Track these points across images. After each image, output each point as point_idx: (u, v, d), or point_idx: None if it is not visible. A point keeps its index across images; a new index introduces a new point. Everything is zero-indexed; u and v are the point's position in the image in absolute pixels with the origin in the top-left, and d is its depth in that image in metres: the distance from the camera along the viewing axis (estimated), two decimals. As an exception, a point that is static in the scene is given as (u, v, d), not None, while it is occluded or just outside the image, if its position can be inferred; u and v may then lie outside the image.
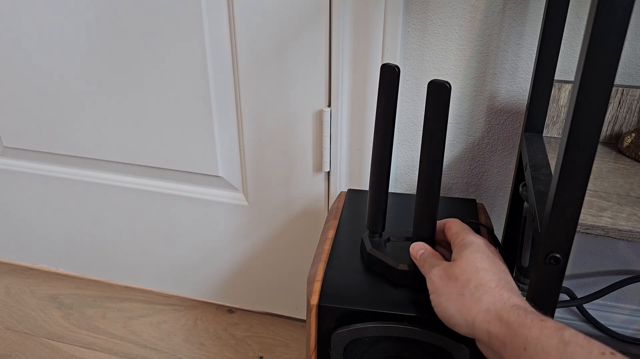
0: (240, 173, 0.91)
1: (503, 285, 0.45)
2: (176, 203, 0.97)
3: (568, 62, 0.70)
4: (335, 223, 0.67)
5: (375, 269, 0.57)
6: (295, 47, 0.76)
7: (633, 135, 0.64)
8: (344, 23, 0.72)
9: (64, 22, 0.85)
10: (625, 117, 0.67)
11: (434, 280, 0.49)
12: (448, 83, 0.47)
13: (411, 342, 0.53)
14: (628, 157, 0.64)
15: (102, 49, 0.85)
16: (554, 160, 0.61)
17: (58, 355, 0.97)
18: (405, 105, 0.79)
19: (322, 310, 0.54)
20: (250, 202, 0.93)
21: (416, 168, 0.82)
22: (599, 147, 0.66)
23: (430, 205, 0.53)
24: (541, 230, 0.46)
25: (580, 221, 0.48)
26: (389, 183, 0.57)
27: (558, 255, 0.45)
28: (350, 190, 0.76)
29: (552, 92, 0.67)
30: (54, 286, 1.13)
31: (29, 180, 1.06)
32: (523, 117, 0.74)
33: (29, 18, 0.87)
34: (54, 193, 1.05)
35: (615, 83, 0.47)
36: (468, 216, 0.67)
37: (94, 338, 1.00)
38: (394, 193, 0.73)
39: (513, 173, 0.77)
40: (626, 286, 0.80)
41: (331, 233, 0.65)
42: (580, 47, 0.39)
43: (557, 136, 0.70)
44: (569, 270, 0.85)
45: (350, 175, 0.84)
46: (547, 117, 0.68)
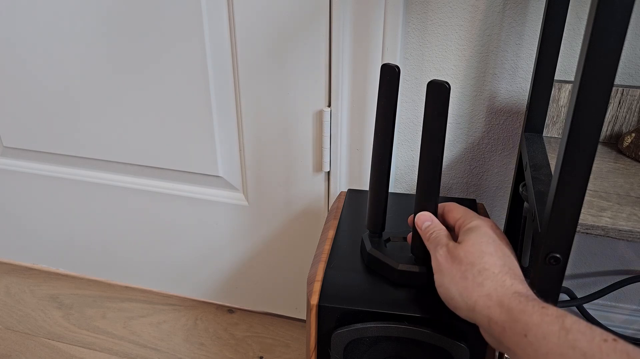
0: (240, 173, 0.91)
1: (506, 271, 0.45)
2: (176, 203, 0.97)
3: (568, 62, 0.70)
4: (335, 223, 0.67)
5: (375, 269, 0.57)
6: (295, 47, 0.76)
7: (633, 135, 0.64)
8: (344, 23, 0.72)
9: (64, 22, 0.85)
10: (625, 117, 0.67)
11: (439, 259, 0.48)
12: (447, 83, 0.47)
13: (411, 342, 0.53)
14: (628, 157, 0.64)
15: (102, 49, 0.86)
16: (554, 160, 0.61)
17: (58, 355, 0.97)
18: (405, 105, 0.79)
19: (322, 310, 0.54)
20: (250, 202, 0.93)
21: (416, 168, 0.82)
22: (599, 147, 0.66)
23: (430, 205, 0.53)
24: (541, 230, 0.46)
25: (580, 221, 0.48)
26: (389, 183, 0.57)
27: (558, 255, 0.45)
28: (350, 190, 0.76)
29: (552, 92, 0.67)
30: (54, 286, 1.13)
31: (29, 180, 1.06)
32: (523, 117, 0.74)
33: (28, 18, 0.87)
34: (54, 193, 1.05)
35: (615, 83, 0.47)
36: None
37: (94, 338, 1.00)
38: (394, 193, 0.73)
39: (513, 173, 0.77)
40: (626, 286, 0.81)
41: (331, 233, 0.65)
42: (580, 47, 0.39)
43: (557, 136, 0.70)
44: (569, 270, 0.85)
45: (350, 175, 0.84)
46: (547, 117, 0.68)
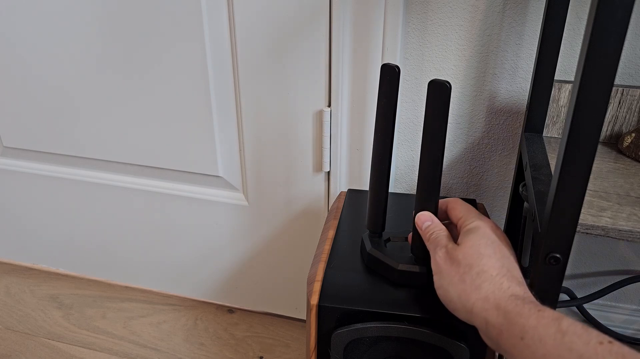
0: (240, 173, 0.91)
1: (504, 273, 0.45)
2: (176, 203, 0.97)
3: (568, 62, 0.70)
4: (335, 223, 0.67)
5: (375, 269, 0.57)
6: (295, 47, 0.76)
7: (633, 135, 0.64)
8: (344, 23, 0.72)
9: (64, 22, 0.85)
10: (625, 117, 0.67)
11: (439, 261, 0.48)
12: (448, 83, 0.47)
13: (411, 342, 0.53)
14: (628, 157, 0.64)
15: (102, 49, 0.85)
16: (554, 160, 0.61)
17: (58, 355, 0.97)
18: (405, 105, 0.79)
19: (322, 310, 0.54)
20: (250, 202, 0.93)
21: (416, 168, 0.82)
22: (599, 147, 0.66)
23: (430, 205, 0.53)
24: (541, 230, 0.46)
25: (580, 221, 0.48)
26: (389, 183, 0.57)
27: (558, 255, 0.45)
28: (350, 190, 0.76)
29: (552, 92, 0.67)
30: (54, 286, 1.13)
31: (29, 180, 1.06)
32: (523, 117, 0.74)
33: (28, 18, 0.87)
34: (54, 193, 1.05)
35: (615, 83, 0.47)
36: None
37: (94, 338, 1.00)
38: (394, 193, 0.73)
39: (513, 173, 0.77)
40: (626, 286, 0.81)
41: (331, 233, 0.65)
42: (580, 47, 0.39)
43: (557, 136, 0.70)
44: (569, 270, 0.85)
45: (350, 175, 0.84)
46: (547, 117, 0.68)
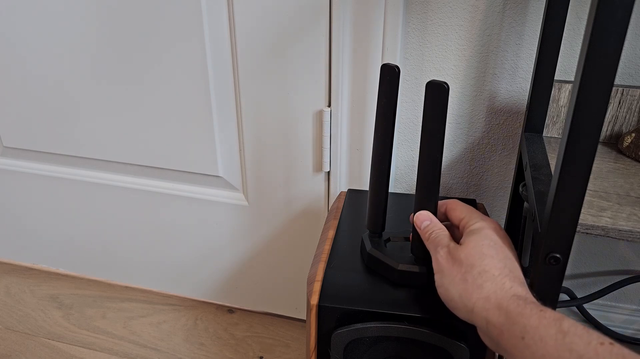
0: (240, 173, 0.91)
1: (507, 274, 0.45)
2: (176, 203, 0.97)
3: (568, 62, 0.70)
4: (335, 223, 0.67)
5: (375, 269, 0.57)
6: (295, 47, 0.76)
7: (633, 135, 0.64)
8: (344, 23, 0.72)
9: (64, 22, 0.85)
10: (625, 117, 0.67)
11: (440, 260, 0.49)
12: (446, 84, 0.47)
13: (411, 342, 0.53)
14: (628, 157, 0.64)
15: (102, 49, 0.85)
16: (554, 160, 0.61)
17: (58, 355, 0.97)
18: (405, 105, 0.79)
19: (322, 310, 0.54)
20: (250, 202, 0.93)
21: (416, 168, 0.82)
22: (599, 147, 0.66)
23: (429, 205, 0.53)
24: (541, 230, 0.46)
25: (580, 221, 0.48)
26: (389, 183, 0.57)
27: (558, 255, 0.45)
28: (350, 190, 0.76)
29: (552, 92, 0.67)
30: (54, 286, 1.13)
31: (29, 180, 1.06)
32: (523, 117, 0.74)
33: (28, 18, 0.87)
34: (54, 193, 1.05)
35: (615, 83, 0.47)
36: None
37: (94, 338, 1.00)
38: (394, 193, 0.73)
39: (513, 173, 0.77)
40: (626, 286, 0.81)
41: (331, 233, 0.65)
42: (580, 47, 0.39)
43: (557, 136, 0.70)
44: (569, 270, 0.85)
45: (350, 175, 0.84)
46: (547, 117, 0.68)
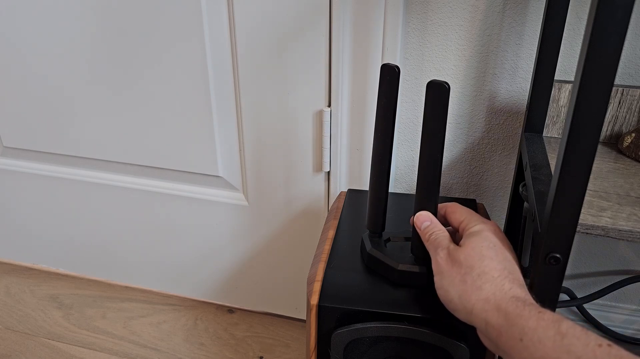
0: (240, 173, 0.91)
1: (506, 275, 0.45)
2: (176, 203, 0.97)
3: (568, 62, 0.70)
4: (335, 223, 0.67)
5: (375, 269, 0.57)
6: (295, 47, 0.76)
7: (633, 135, 0.64)
8: (344, 23, 0.72)
9: (64, 22, 0.85)
10: (625, 117, 0.67)
11: (440, 262, 0.49)
12: (447, 83, 0.47)
13: (411, 342, 0.53)
14: (628, 157, 0.64)
15: (102, 49, 0.85)
16: (554, 160, 0.61)
17: (58, 355, 0.97)
18: (405, 105, 0.79)
19: (322, 310, 0.54)
20: (250, 202, 0.93)
21: (416, 168, 0.82)
22: (599, 147, 0.66)
23: (429, 205, 0.53)
24: (541, 230, 0.46)
25: (580, 221, 0.48)
26: (389, 183, 0.57)
27: (558, 255, 0.45)
28: (350, 190, 0.76)
29: (552, 92, 0.67)
30: (54, 286, 1.13)
31: (29, 180, 1.06)
32: (523, 117, 0.74)
33: (28, 18, 0.87)
34: (54, 193, 1.05)
35: (615, 83, 0.47)
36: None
37: (94, 338, 1.00)
38: (394, 193, 0.73)
39: (513, 173, 0.77)
40: (626, 286, 0.81)
41: (331, 233, 0.65)
42: (580, 47, 0.39)
43: (557, 136, 0.70)
44: (569, 270, 0.85)
45: (350, 175, 0.84)
46: (547, 117, 0.68)
